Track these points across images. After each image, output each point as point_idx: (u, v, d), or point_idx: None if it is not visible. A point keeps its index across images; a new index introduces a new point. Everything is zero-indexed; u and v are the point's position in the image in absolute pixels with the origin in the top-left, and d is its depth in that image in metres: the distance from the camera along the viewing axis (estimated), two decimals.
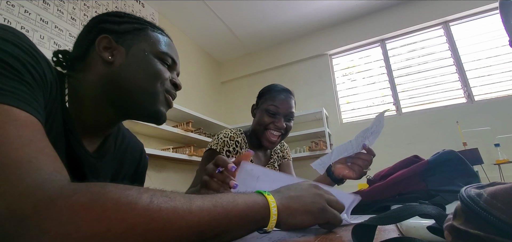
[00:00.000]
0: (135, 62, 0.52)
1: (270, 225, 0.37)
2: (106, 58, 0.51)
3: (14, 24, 1.69)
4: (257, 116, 1.03)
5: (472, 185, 0.23)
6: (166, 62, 0.56)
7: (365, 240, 0.29)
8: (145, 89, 0.53)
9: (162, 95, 0.55)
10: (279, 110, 1.00)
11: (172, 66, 0.58)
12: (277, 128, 1.00)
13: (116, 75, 0.51)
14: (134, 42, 0.54)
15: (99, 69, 0.51)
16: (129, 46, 0.53)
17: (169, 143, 2.62)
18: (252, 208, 0.35)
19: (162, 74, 0.55)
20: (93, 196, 0.25)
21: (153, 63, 0.54)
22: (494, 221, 0.18)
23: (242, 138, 1.03)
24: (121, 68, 0.51)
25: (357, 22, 3.27)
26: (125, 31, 0.54)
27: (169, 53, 0.57)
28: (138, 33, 0.55)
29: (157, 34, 0.57)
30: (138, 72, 0.52)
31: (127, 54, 0.52)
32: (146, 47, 0.54)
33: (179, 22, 3.16)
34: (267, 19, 3.20)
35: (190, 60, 3.41)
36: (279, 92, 1.03)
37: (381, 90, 3.10)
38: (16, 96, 0.30)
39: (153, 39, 0.55)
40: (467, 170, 0.64)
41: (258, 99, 1.08)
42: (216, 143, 0.98)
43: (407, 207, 0.29)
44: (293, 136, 3.07)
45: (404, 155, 0.79)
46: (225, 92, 4.01)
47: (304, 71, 3.53)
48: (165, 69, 0.56)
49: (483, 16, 2.77)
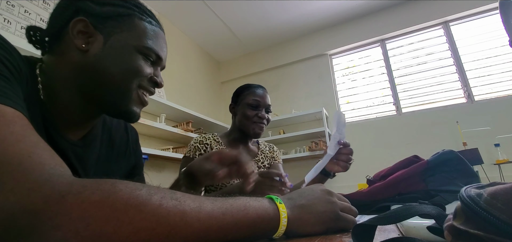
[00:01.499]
0: (112, 54, 0.46)
1: (277, 234, 0.36)
2: (79, 46, 0.45)
3: (14, 24, 1.69)
4: (240, 112, 1.12)
5: (472, 185, 0.23)
6: (149, 57, 0.50)
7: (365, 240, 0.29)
8: (118, 86, 0.47)
9: (135, 93, 0.49)
10: (260, 103, 1.11)
11: (156, 62, 0.52)
12: (260, 119, 1.11)
13: (89, 66, 0.45)
14: (115, 31, 0.47)
15: (72, 57, 0.45)
16: (109, 35, 0.46)
17: (169, 143, 2.62)
18: (262, 218, 0.34)
19: (141, 71, 0.49)
20: (104, 194, 0.25)
21: (133, 58, 0.48)
22: (494, 221, 0.18)
23: (214, 140, 1.11)
24: (96, 58, 0.45)
25: (357, 22, 3.27)
26: (107, 16, 0.47)
27: (153, 49, 0.50)
28: (122, 20, 0.48)
29: (144, 24, 0.50)
30: (113, 66, 0.46)
31: (105, 44, 0.46)
32: (128, 39, 0.47)
33: (179, 22, 3.16)
34: (267, 19, 3.20)
35: (190, 60, 3.41)
36: (257, 88, 1.15)
37: (381, 90, 3.11)
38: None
39: (138, 30, 0.49)
40: (467, 170, 0.64)
41: (235, 98, 1.17)
42: (188, 151, 1.07)
43: (407, 207, 0.29)
44: (293, 136, 3.07)
45: (404, 155, 0.79)
46: (225, 92, 4.01)
47: (304, 71, 3.53)
48: (146, 65, 0.50)
49: (483, 16, 2.77)
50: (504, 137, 2.30)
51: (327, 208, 0.40)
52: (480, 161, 2.13)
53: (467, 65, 2.73)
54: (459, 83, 2.74)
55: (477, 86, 2.67)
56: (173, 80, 2.98)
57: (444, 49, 2.88)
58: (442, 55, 2.87)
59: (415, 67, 2.97)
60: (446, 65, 2.83)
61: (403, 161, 0.75)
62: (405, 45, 3.09)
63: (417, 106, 2.88)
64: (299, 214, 0.38)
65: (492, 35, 2.68)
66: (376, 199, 0.68)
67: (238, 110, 1.14)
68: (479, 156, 2.13)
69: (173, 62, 3.04)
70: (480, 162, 2.13)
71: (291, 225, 0.37)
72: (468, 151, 2.22)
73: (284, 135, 3.11)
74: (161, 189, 0.29)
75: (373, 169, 0.86)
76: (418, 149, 2.08)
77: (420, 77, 2.93)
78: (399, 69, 3.05)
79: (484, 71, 2.68)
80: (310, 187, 0.45)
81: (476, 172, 2.02)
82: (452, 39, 2.85)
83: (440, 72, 2.84)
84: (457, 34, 2.85)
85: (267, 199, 0.38)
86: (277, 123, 3.25)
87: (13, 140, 0.26)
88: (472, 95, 2.66)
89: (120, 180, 0.28)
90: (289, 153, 3.12)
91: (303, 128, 3.14)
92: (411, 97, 2.93)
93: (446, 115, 2.67)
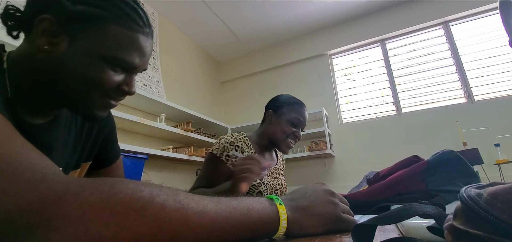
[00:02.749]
0: (74, 61, 0.42)
1: (277, 235, 0.36)
2: (40, 47, 0.41)
3: None
4: (277, 124, 1.12)
5: (472, 185, 0.23)
6: (119, 65, 0.45)
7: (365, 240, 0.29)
8: (78, 94, 0.44)
9: (98, 101, 0.46)
10: (301, 123, 1.12)
11: (129, 70, 0.47)
12: (296, 137, 1.13)
13: (50, 68, 0.42)
14: (83, 35, 0.42)
15: (35, 54, 0.42)
16: (75, 38, 0.42)
17: (169, 143, 2.62)
18: (264, 221, 0.35)
19: (105, 82, 0.44)
20: (103, 196, 0.24)
21: (96, 68, 0.43)
22: (494, 221, 0.18)
23: (244, 142, 1.07)
24: (58, 62, 0.42)
25: (357, 22, 3.28)
26: (76, 17, 0.41)
27: (124, 59, 0.44)
28: (92, 24, 0.42)
29: (119, 30, 0.43)
30: (74, 74, 0.42)
31: (69, 47, 0.42)
32: (94, 47, 0.42)
33: (179, 22, 3.16)
34: (267, 19, 3.20)
35: (190, 60, 3.42)
36: (301, 106, 1.15)
37: (381, 90, 3.11)
38: None
39: (109, 36, 0.43)
40: (467, 170, 0.64)
41: (277, 108, 1.14)
42: (217, 148, 1.03)
43: (407, 207, 0.29)
44: None
45: (404, 155, 0.79)
46: (225, 92, 4.01)
47: (304, 71, 3.53)
48: (114, 74, 0.45)
49: (483, 16, 2.77)
50: (504, 137, 2.30)
51: (329, 210, 0.40)
52: (480, 161, 2.13)
53: (467, 65, 2.73)
54: (459, 83, 2.74)
55: (477, 86, 2.67)
56: (173, 80, 2.98)
57: (444, 49, 2.88)
58: (442, 55, 2.87)
59: (415, 67, 2.97)
60: (446, 65, 2.83)
61: (403, 161, 0.75)
62: (405, 45, 3.09)
63: (417, 106, 2.88)
64: (301, 216, 0.38)
65: (492, 35, 2.68)
66: (376, 199, 0.68)
67: (276, 121, 1.13)
68: (479, 156, 2.13)
69: (173, 62, 3.04)
70: (480, 162, 2.13)
71: (292, 226, 0.37)
72: (468, 151, 2.23)
73: None
74: (164, 190, 0.28)
75: (373, 169, 0.86)
76: (418, 149, 2.09)
77: (420, 77, 2.93)
78: (399, 69, 3.05)
79: (484, 71, 2.68)
80: (313, 187, 0.44)
81: (476, 172, 2.02)
82: (452, 39, 2.85)
83: (440, 72, 2.84)
84: (457, 34, 2.85)
85: (267, 200, 0.38)
86: None
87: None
88: (472, 95, 2.66)
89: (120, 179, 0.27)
90: (289, 152, 3.11)
91: None
92: (411, 97, 2.93)
93: (446, 115, 2.67)
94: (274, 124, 1.13)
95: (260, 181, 1.02)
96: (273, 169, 1.15)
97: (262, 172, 0.79)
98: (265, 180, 1.04)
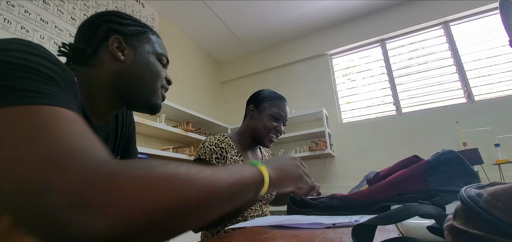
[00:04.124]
0: (141, 62, 0.61)
1: (264, 190, 0.46)
2: (119, 57, 0.58)
3: (14, 24, 1.69)
4: (259, 119, 1.13)
5: (472, 185, 0.23)
6: (162, 61, 0.66)
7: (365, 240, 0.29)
8: (149, 86, 0.62)
9: (160, 91, 0.64)
10: (282, 117, 1.13)
11: (165, 64, 0.68)
12: (278, 132, 1.14)
13: (126, 73, 0.59)
14: (140, 44, 0.62)
15: (110, 66, 0.58)
16: (136, 47, 0.61)
17: (169, 143, 2.62)
18: (254, 178, 0.44)
19: (161, 73, 0.64)
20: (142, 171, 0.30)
21: (155, 64, 0.63)
22: (494, 221, 0.18)
23: (226, 143, 1.08)
24: (131, 67, 0.59)
25: (357, 22, 3.28)
26: (132, 34, 0.61)
27: (165, 54, 0.66)
28: (142, 36, 0.63)
29: (154, 37, 0.66)
30: (144, 71, 0.61)
31: (135, 54, 0.60)
32: (149, 49, 0.63)
33: (179, 22, 3.16)
34: (267, 19, 3.20)
35: (190, 60, 3.41)
36: (282, 100, 1.16)
37: (381, 90, 3.11)
38: (62, 100, 0.35)
39: (153, 41, 0.64)
40: (467, 170, 0.64)
41: (258, 104, 1.15)
42: (203, 152, 1.03)
43: (407, 207, 0.29)
44: (293, 136, 3.07)
45: (404, 155, 0.79)
46: (225, 92, 4.01)
47: (304, 71, 3.53)
48: (162, 68, 0.65)
49: (483, 16, 2.77)
50: (504, 137, 2.30)
51: (295, 169, 0.58)
52: (480, 161, 2.13)
53: (467, 65, 2.73)
54: (459, 83, 2.74)
55: (477, 86, 2.67)
56: (173, 80, 2.97)
57: (444, 49, 2.88)
58: (442, 55, 2.87)
59: (415, 67, 2.97)
60: (446, 65, 2.83)
61: (403, 161, 0.75)
62: (405, 45, 3.09)
63: (417, 106, 2.88)
64: (279, 173, 0.52)
65: (492, 35, 2.68)
66: (376, 199, 0.68)
67: (257, 116, 1.14)
68: (479, 156, 2.13)
69: (173, 62, 3.03)
70: (480, 162, 2.13)
71: (274, 181, 0.49)
72: (468, 151, 2.23)
73: (284, 135, 3.11)
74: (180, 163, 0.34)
75: (373, 169, 0.85)
76: (418, 149, 2.09)
77: (420, 77, 2.93)
78: (399, 69, 3.05)
79: (484, 71, 2.68)
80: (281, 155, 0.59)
81: (476, 172, 2.02)
82: (452, 39, 2.85)
83: (440, 72, 2.84)
84: (457, 34, 2.85)
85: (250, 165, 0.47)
86: None
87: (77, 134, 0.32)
88: (472, 95, 2.66)
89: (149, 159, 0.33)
90: (289, 153, 3.12)
91: (303, 128, 3.14)
92: (411, 97, 2.93)
93: (446, 115, 2.67)
94: (256, 118, 1.13)
95: None
96: None
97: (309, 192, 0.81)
98: None
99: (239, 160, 1.08)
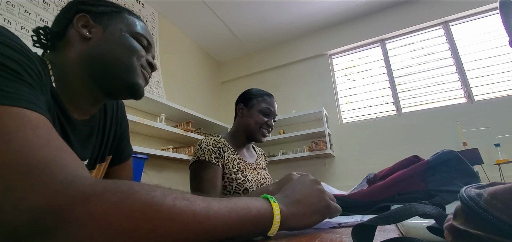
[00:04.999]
0: (112, 38, 0.55)
1: (271, 231, 0.38)
2: (84, 34, 0.53)
3: (14, 24, 1.69)
4: (249, 116, 1.15)
5: (472, 185, 0.23)
6: (141, 42, 0.59)
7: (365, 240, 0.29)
8: (123, 62, 0.55)
9: (139, 69, 0.57)
10: (272, 111, 1.17)
11: (147, 48, 0.61)
12: (269, 126, 1.16)
13: (94, 50, 0.53)
14: (111, 22, 0.56)
15: (78, 47, 0.53)
16: (106, 26, 0.56)
17: (169, 143, 2.62)
18: (263, 216, 0.37)
19: (138, 50, 0.58)
20: (123, 195, 0.27)
21: (129, 40, 0.57)
22: (494, 221, 0.18)
23: (222, 143, 1.10)
24: (99, 43, 0.54)
25: (357, 22, 3.28)
26: (103, 12, 0.57)
27: (144, 35, 0.60)
28: (115, 15, 0.58)
29: (133, 18, 0.60)
30: (115, 46, 0.55)
31: (104, 32, 0.55)
32: (122, 27, 0.57)
33: (179, 22, 3.16)
34: (267, 19, 3.20)
35: (190, 60, 3.41)
36: (270, 96, 1.20)
37: (381, 90, 3.11)
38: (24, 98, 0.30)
39: (129, 21, 0.59)
40: (467, 170, 0.64)
41: (247, 101, 1.18)
42: (202, 153, 1.03)
43: (407, 207, 0.29)
44: (293, 136, 3.07)
45: (404, 155, 0.79)
46: (225, 92, 4.01)
47: (304, 71, 3.53)
48: (141, 48, 0.59)
49: (483, 16, 2.77)
50: (504, 137, 2.30)
51: (319, 198, 0.45)
52: (480, 161, 2.13)
53: (467, 65, 2.73)
54: (459, 83, 2.74)
55: (477, 86, 2.67)
56: (173, 80, 2.98)
57: (444, 49, 2.88)
58: (442, 55, 2.87)
59: (415, 67, 2.97)
60: (446, 65, 2.83)
61: (403, 161, 0.75)
62: (405, 45, 3.09)
63: (417, 106, 2.88)
64: (297, 209, 0.42)
65: (492, 35, 2.68)
66: (376, 199, 0.68)
67: (247, 113, 1.16)
68: (479, 156, 2.13)
69: (173, 62, 3.04)
70: (480, 162, 2.13)
71: (289, 220, 0.40)
72: (468, 151, 2.23)
73: (284, 135, 3.11)
74: (173, 190, 0.31)
75: (373, 169, 0.85)
76: (418, 149, 2.09)
77: (420, 77, 2.93)
78: (399, 69, 3.05)
79: (484, 71, 2.68)
80: (301, 179, 0.48)
81: (476, 172, 2.02)
82: (452, 39, 2.85)
83: (440, 72, 2.84)
84: (457, 34, 2.85)
85: (263, 199, 0.40)
86: (277, 122, 3.23)
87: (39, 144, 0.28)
88: (472, 95, 2.66)
89: (136, 182, 0.30)
90: (289, 153, 3.12)
91: (303, 128, 3.14)
92: (411, 97, 2.93)
93: (446, 115, 2.67)
94: (246, 116, 1.16)
95: (244, 177, 1.05)
96: (255, 165, 1.18)
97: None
98: (249, 176, 1.07)
99: (237, 157, 1.11)
